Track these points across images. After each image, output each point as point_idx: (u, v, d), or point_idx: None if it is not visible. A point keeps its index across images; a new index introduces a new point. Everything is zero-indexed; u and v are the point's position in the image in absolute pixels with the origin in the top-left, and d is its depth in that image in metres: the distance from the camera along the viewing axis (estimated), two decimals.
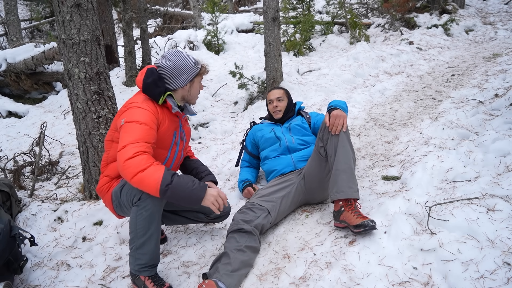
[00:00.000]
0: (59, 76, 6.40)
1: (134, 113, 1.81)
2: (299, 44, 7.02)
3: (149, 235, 1.79)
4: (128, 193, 1.83)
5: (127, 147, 1.68)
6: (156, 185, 1.61)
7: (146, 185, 1.63)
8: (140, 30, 6.02)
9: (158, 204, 1.79)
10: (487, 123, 2.66)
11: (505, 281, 1.43)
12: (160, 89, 1.88)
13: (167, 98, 1.91)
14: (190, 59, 1.96)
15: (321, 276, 1.73)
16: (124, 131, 1.76)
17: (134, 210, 1.78)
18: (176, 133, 2.02)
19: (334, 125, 2.07)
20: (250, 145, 2.88)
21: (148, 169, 1.63)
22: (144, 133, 1.74)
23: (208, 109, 4.92)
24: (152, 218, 1.78)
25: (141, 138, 1.72)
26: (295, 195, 2.33)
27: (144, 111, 1.81)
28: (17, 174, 3.52)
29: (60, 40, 2.70)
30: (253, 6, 13.29)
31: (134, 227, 1.79)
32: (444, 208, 1.89)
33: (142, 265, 1.86)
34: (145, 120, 1.78)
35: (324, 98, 4.64)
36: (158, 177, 1.62)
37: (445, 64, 5.63)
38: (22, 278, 2.25)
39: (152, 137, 1.78)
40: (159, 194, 1.63)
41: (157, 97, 1.88)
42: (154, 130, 1.81)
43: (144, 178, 1.62)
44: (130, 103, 1.88)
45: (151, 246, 1.83)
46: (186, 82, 1.96)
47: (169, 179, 1.63)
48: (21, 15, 12.32)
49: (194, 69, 1.96)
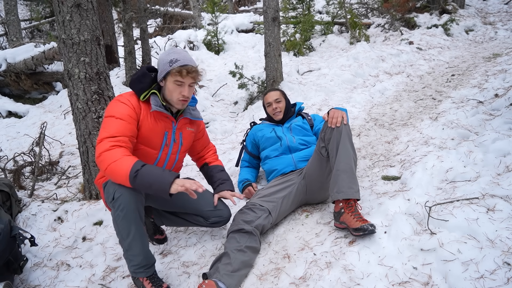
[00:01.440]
0: (59, 76, 6.40)
1: (113, 107, 1.83)
2: (299, 44, 7.02)
3: (133, 235, 1.76)
4: (106, 193, 1.81)
5: (104, 141, 1.72)
6: (126, 173, 1.64)
7: (118, 174, 1.66)
8: (140, 30, 6.03)
9: (132, 202, 1.72)
10: (487, 123, 2.66)
11: (505, 281, 1.43)
12: (143, 85, 1.88)
13: (151, 96, 1.89)
14: (171, 55, 1.86)
15: (321, 276, 1.73)
16: (102, 126, 1.80)
17: (112, 212, 1.77)
18: (168, 134, 1.97)
19: (334, 118, 2.09)
20: (250, 145, 2.88)
21: (120, 160, 1.66)
22: (120, 127, 1.76)
23: (208, 109, 4.93)
24: (129, 217, 1.73)
25: (117, 132, 1.74)
26: (295, 195, 2.33)
27: (123, 105, 1.82)
28: (17, 174, 3.52)
29: (60, 40, 2.70)
30: (253, 6, 13.29)
31: (117, 229, 1.78)
32: (444, 208, 1.89)
33: (136, 266, 1.85)
34: (121, 114, 1.79)
35: (324, 98, 4.64)
36: (128, 166, 1.64)
37: (445, 64, 5.63)
38: (22, 278, 2.25)
39: (129, 131, 1.78)
40: (128, 180, 1.65)
41: (139, 92, 1.88)
42: (131, 125, 1.80)
43: (115, 168, 1.65)
44: (116, 96, 1.92)
45: (138, 246, 1.80)
46: (160, 78, 1.90)
47: (139, 166, 1.65)
48: (21, 15, 12.32)
49: (166, 66, 1.85)
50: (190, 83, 1.89)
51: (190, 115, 2.07)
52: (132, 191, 1.72)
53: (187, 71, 1.84)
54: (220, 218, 2.14)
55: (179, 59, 1.84)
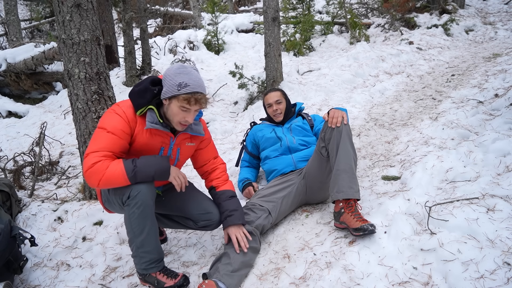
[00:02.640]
0: (59, 76, 6.40)
1: (107, 118, 1.78)
2: (299, 44, 7.02)
3: (147, 232, 1.76)
4: (116, 192, 1.78)
5: (89, 156, 1.69)
6: (123, 177, 1.65)
7: (115, 182, 1.67)
8: (140, 30, 6.03)
9: (149, 198, 1.72)
10: (487, 123, 2.66)
11: (505, 281, 1.43)
12: (142, 100, 1.79)
13: (148, 111, 1.81)
14: (180, 77, 1.73)
15: (321, 276, 1.73)
16: (93, 137, 1.78)
17: (126, 210, 1.75)
18: (164, 149, 1.91)
19: (334, 118, 2.09)
20: (250, 145, 2.88)
21: (108, 169, 1.65)
22: (109, 142, 1.72)
23: (208, 109, 4.93)
24: (145, 214, 1.73)
25: (104, 147, 1.71)
26: (295, 195, 2.33)
27: (117, 118, 1.76)
28: (17, 174, 3.52)
29: (60, 40, 2.70)
30: (253, 6, 13.29)
31: (130, 227, 1.77)
32: (444, 208, 1.89)
33: (149, 262, 1.84)
34: (113, 128, 1.74)
35: (324, 98, 4.64)
36: (121, 170, 1.65)
37: (445, 64, 5.63)
38: (22, 278, 2.25)
39: (117, 146, 1.74)
40: (130, 182, 1.67)
41: (136, 107, 1.80)
42: (123, 140, 1.75)
43: (109, 179, 1.65)
44: (113, 105, 1.87)
45: (151, 242, 1.80)
46: (164, 97, 1.77)
47: (131, 164, 1.67)
48: (21, 15, 12.33)
49: (174, 88, 1.73)
50: (196, 110, 1.80)
51: (190, 130, 1.96)
52: (150, 187, 1.74)
53: (196, 100, 1.74)
54: (209, 221, 2.05)
55: (189, 85, 1.72)
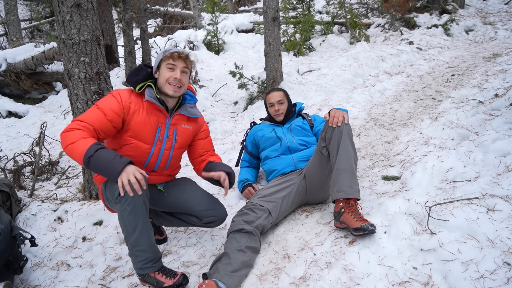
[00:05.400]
0: (59, 76, 6.39)
1: (103, 98, 1.92)
2: (299, 44, 7.02)
3: (140, 229, 1.76)
4: (110, 189, 1.80)
5: (73, 122, 1.80)
6: (81, 156, 1.69)
7: (74, 156, 1.73)
8: (140, 30, 6.03)
9: (139, 195, 1.72)
10: (487, 123, 2.66)
11: (505, 281, 1.44)
12: (138, 77, 1.96)
13: (146, 88, 1.95)
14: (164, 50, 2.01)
15: (321, 276, 1.73)
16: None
17: (118, 207, 1.76)
18: (161, 129, 1.98)
19: (335, 117, 2.10)
20: (250, 145, 2.88)
21: (77, 142, 1.72)
22: (93, 116, 1.82)
23: (208, 109, 4.92)
24: (137, 211, 1.73)
25: (87, 119, 1.80)
26: (295, 195, 2.33)
27: (111, 98, 1.89)
28: (17, 174, 3.52)
29: (60, 40, 2.70)
30: (253, 6, 13.28)
31: (123, 225, 1.77)
32: (444, 208, 1.89)
33: (144, 262, 1.83)
34: (103, 106, 1.85)
35: (324, 98, 4.64)
36: (83, 149, 1.69)
37: (445, 64, 5.63)
38: (22, 278, 2.25)
39: (99, 123, 1.81)
40: (83, 164, 1.71)
41: (134, 84, 1.96)
42: (107, 118, 1.83)
43: (72, 150, 1.72)
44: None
45: (145, 240, 1.79)
46: (154, 69, 2.01)
47: (93, 151, 1.69)
48: (21, 15, 12.32)
49: (159, 56, 1.99)
50: (182, 68, 1.95)
51: (186, 112, 2.05)
52: None
53: (178, 54, 1.94)
54: (214, 217, 2.08)
55: (171, 49, 1.98)
